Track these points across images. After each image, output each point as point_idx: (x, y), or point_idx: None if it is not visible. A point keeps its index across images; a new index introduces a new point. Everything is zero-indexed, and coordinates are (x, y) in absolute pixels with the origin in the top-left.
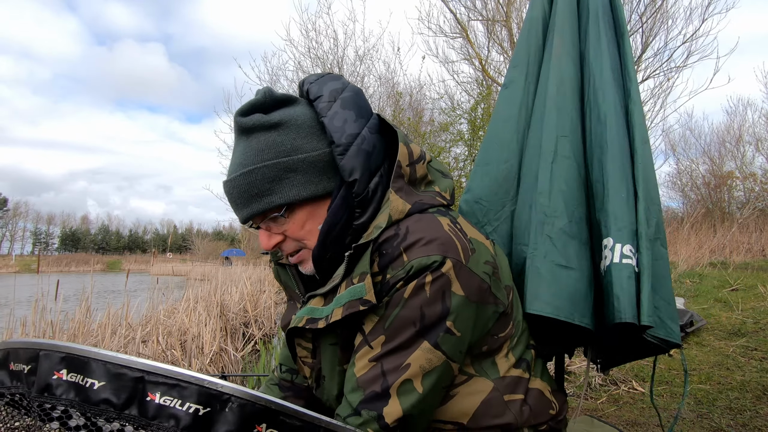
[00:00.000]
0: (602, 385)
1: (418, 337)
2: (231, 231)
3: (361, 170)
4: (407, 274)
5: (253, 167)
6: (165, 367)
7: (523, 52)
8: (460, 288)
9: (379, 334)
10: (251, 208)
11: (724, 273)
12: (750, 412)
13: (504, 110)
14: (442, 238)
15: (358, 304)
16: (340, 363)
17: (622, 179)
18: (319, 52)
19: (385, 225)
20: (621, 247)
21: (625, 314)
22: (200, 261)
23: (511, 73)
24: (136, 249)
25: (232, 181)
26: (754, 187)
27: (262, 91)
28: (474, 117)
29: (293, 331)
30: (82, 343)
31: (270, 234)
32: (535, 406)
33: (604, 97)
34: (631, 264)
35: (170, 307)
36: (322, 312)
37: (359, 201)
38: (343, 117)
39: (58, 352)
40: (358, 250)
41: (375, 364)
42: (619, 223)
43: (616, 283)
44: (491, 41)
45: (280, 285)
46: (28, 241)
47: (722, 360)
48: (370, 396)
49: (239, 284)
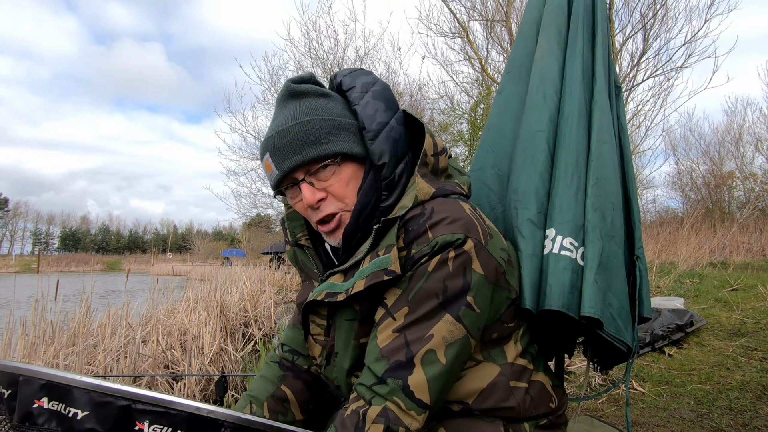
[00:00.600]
0: (602, 385)
1: (441, 309)
2: (231, 231)
3: (389, 155)
4: (432, 249)
5: (310, 118)
6: (152, 395)
7: (516, 58)
8: (479, 267)
9: (403, 306)
10: (305, 154)
11: (724, 273)
12: (750, 412)
13: (497, 116)
14: (465, 219)
15: (383, 274)
16: (356, 337)
17: (573, 175)
18: (320, 52)
19: (411, 205)
20: (562, 239)
21: (553, 302)
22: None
23: (504, 79)
24: (136, 249)
25: (285, 129)
26: (754, 187)
27: (307, 73)
28: (474, 117)
29: (310, 305)
30: (81, 343)
31: (314, 189)
32: (536, 396)
33: (570, 95)
34: (569, 256)
35: (170, 307)
36: (341, 287)
37: (386, 184)
38: (374, 107)
39: (37, 379)
40: (386, 225)
41: (398, 334)
42: (564, 216)
43: (551, 272)
44: (491, 41)
45: (296, 267)
46: (28, 241)
47: (722, 360)
48: (394, 365)
49: (239, 284)
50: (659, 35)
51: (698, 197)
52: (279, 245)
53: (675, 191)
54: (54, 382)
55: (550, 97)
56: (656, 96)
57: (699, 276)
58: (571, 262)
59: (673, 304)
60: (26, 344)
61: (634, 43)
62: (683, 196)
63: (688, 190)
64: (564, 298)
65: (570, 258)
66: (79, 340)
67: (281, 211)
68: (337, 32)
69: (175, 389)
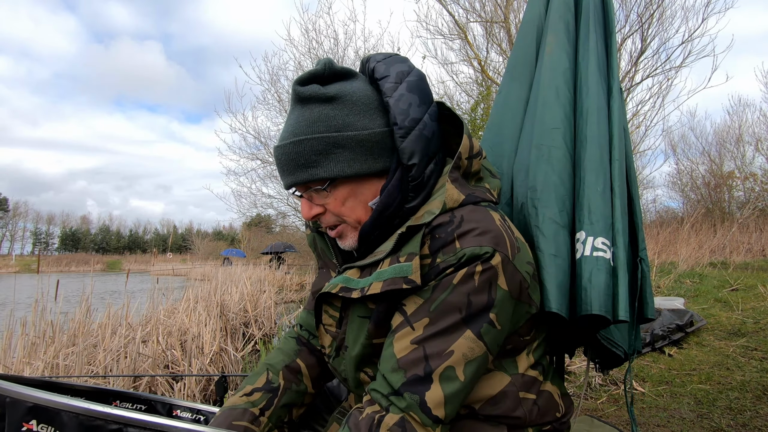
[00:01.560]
0: (602, 385)
1: (463, 325)
2: (231, 231)
3: (420, 155)
4: (458, 261)
5: (303, 138)
6: (145, 419)
7: (516, 58)
8: (505, 283)
9: (423, 316)
10: (296, 177)
11: (724, 273)
12: (750, 412)
13: (496, 115)
14: (495, 231)
15: (401, 282)
16: (368, 337)
17: (599, 173)
18: (320, 51)
19: (438, 211)
20: (593, 240)
21: (593, 307)
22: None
23: (504, 79)
24: (136, 249)
25: (282, 147)
26: (754, 187)
27: (322, 62)
28: (474, 117)
29: (324, 296)
30: (82, 343)
31: (311, 204)
32: (543, 406)
33: (587, 93)
34: (603, 257)
35: (170, 307)
36: (358, 283)
37: (415, 185)
38: (409, 101)
39: (24, 402)
40: (411, 231)
41: (417, 346)
42: (593, 217)
43: (585, 276)
44: (490, 42)
45: (314, 253)
46: (28, 241)
47: (722, 360)
48: (412, 379)
49: (239, 284)
50: (657, 34)
51: (698, 197)
52: (279, 245)
53: (675, 191)
54: (42, 404)
55: (564, 93)
56: (656, 96)
57: (699, 276)
58: (605, 263)
59: (673, 304)
60: (26, 344)
61: (632, 42)
62: (683, 196)
63: (688, 190)
64: (602, 301)
65: (604, 258)
66: (79, 340)
67: (281, 211)
68: (337, 32)
69: (175, 389)
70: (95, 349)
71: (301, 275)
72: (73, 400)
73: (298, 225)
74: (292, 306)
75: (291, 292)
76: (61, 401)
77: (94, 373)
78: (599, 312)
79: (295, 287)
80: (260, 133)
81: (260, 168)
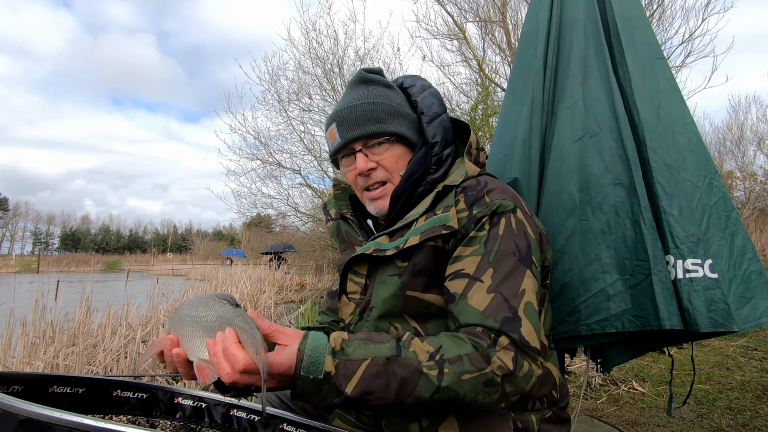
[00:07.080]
0: (602, 385)
1: (520, 265)
2: (231, 231)
3: (441, 136)
4: (491, 210)
5: (376, 101)
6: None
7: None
8: (531, 231)
9: (486, 268)
10: (366, 129)
11: None
12: (750, 412)
13: (497, 133)
14: (513, 193)
15: (440, 229)
16: (401, 288)
17: (673, 196)
18: (320, 51)
19: (463, 178)
20: (682, 263)
21: (702, 326)
22: (200, 261)
23: (507, 100)
24: (136, 249)
25: (353, 106)
26: (755, 187)
27: (379, 68)
28: (473, 117)
29: (353, 261)
30: (81, 343)
31: (367, 159)
32: (543, 378)
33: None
34: (698, 276)
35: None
36: (389, 245)
37: (436, 159)
38: (431, 100)
39: (16, 414)
40: (446, 190)
41: (495, 294)
42: (677, 241)
43: (685, 298)
44: (488, 42)
45: (337, 239)
46: (28, 241)
47: (722, 360)
48: (504, 320)
49: (239, 284)
50: (657, 34)
51: None
52: (279, 245)
53: None
54: (34, 418)
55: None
56: None
57: None
58: (701, 281)
59: None
60: (26, 344)
61: None
62: None
63: None
64: (709, 319)
65: (700, 278)
66: (79, 340)
67: (281, 211)
68: (337, 32)
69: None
70: (95, 349)
71: (301, 275)
72: (67, 414)
73: (298, 225)
74: (292, 306)
75: (291, 292)
76: (54, 415)
77: (94, 373)
78: (709, 330)
79: (295, 287)
80: (260, 133)
81: (260, 168)
